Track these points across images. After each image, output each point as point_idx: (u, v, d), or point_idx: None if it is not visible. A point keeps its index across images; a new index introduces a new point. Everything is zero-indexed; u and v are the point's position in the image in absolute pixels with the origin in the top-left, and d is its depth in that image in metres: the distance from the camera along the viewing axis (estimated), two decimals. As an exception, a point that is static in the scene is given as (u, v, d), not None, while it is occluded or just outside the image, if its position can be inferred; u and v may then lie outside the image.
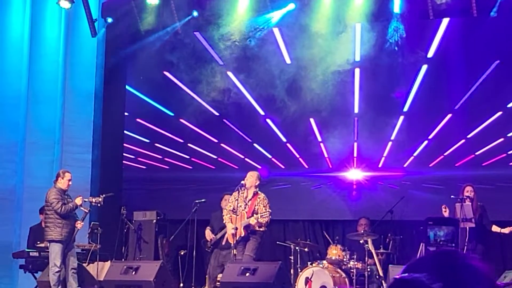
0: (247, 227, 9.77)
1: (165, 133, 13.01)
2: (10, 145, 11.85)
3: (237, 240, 9.80)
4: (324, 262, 10.16)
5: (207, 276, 10.81)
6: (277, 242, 11.38)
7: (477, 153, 11.55)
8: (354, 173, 12.05)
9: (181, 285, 11.28)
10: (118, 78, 13.02)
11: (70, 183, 9.89)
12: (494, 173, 11.37)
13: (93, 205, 10.14)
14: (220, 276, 9.86)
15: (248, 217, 9.76)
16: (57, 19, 12.28)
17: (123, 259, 11.32)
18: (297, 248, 10.51)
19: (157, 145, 13.09)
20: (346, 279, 9.98)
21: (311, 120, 12.28)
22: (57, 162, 11.88)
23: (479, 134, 11.54)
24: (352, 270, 10.19)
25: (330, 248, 10.42)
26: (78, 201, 9.74)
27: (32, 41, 12.09)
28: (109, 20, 12.63)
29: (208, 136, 12.82)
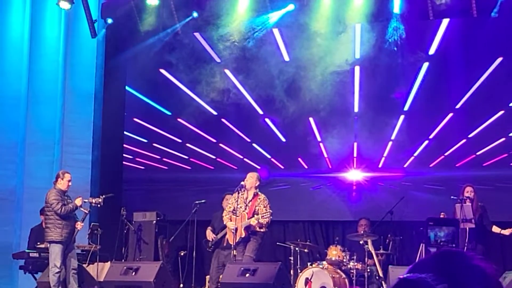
0: (247, 228, 9.76)
1: (163, 132, 12.97)
2: (10, 145, 11.84)
3: (237, 241, 9.79)
4: (324, 262, 10.15)
5: (209, 276, 10.78)
6: (277, 243, 11.38)
7: (478, 153, 11.49)
8: (354, 174, 12.03)
9: (181, 285, 11.27)
10: (118, 78, 13.01)
11: (70, 184, 9.88)
12: (495, 173, 11.31)
13: (93, 206, 10.14)
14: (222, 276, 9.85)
15: (248, 218, 9.76)
16: (57, 19, 12.28)
17: (123, 260, 11.30)
18: (297, 248, 10.50)
19: (155, 145, 13.06)
20: (346, 280, 9.97)
21: (311, 120, 12.24)
22: (57, 162, 11.88)
23: (480, 133, 11.47)
24: (352, 271, 10.18)
25: (330, 249, 10.41)
26: (78, 202, 9.74)
27: (32, 42, 12.09)
28: (109, 20, 12.63)
29: (206, 136, 12.80)
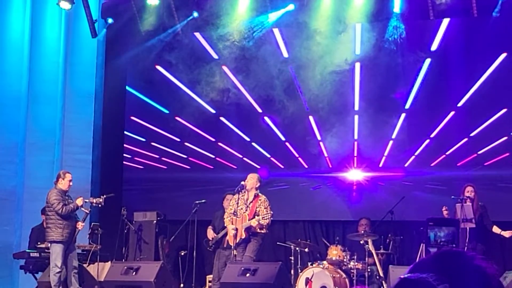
0: (248, 229, 9.75)
1: (161, 131, 12.93)
2: (11, 146, 11.83)
3: (237, 242, 9.78)
4: (325, 262, 10.15)
5: (212, 276, 10.75)
6: (278, 243, 11.38)
7: (479, 152, 11.41)
8: (355, 174, 12.00)
9: (181, 285, 11.28)
10: (118, 78, 13.00)
11: (71, 184, 9.89)
12: (497, 173, 11.24)
13: (94, 205, 10.14)
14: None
15: (249, 219, 9.75)
16: (57, 19, 12.28)
17: (123, 260, 11.31)
18: (297, 248, 10.50)
19: (153, 144, 13.02)
20: (347, 280, 9.97)
21: (311, 119, 12.21)
22: (58, 162, 11.87)
23: (482, 132, 11.38)
24: (352, 271, 10.18)
25: (331, 249, 10.41)
26: (79, 202, 9.74)
27: (32, 42, 12.08)
28: (110, 20, 12.62)
29: (205, 135, 12.77)
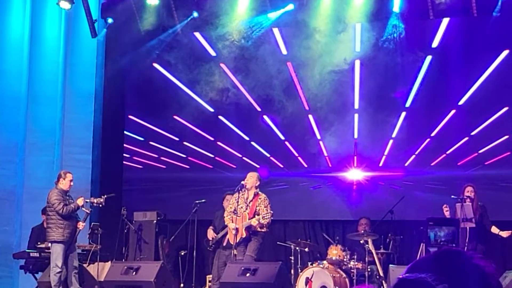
0: (248, 228, 9.75)
1: (160, 130, 12.89)
2: (10, 145, 11.83)
3: (238, 241, 9.78)
4: (325, 262, 10.15)
5: (212, 276, 10.76)
6: (278, 243, 11.37)
7: (480, 151, 11.34)
8: (354, 173, 11.97)
9: (181, 285, 11.27)
10: (118, 78, 12.99)
11: (72, 184, 9.89)
12: (498, 172, 11.18)
13: (95, 205, 10.14)
14: (223, 276, 9.83)
15: (249, 218, 9.75)
16: (57, 19, 12.28)
17: (123, 260, 11.29)
18: (297, 248, 10.49)
19: (152, 143, 12.98)
20: (347, 279, 9.97)
21: (310, 118, 12.18)
22: (57, 162, 11.87)
23: (484, 131, 11.30)
24: (352, 270, 10.18)
25: (331, 248, 10.41)
26: (80, 202, 9.74)
27: (32, 42, 12.08)
28: (110, 20, 12.61)
29: (204, 134, 12.73)
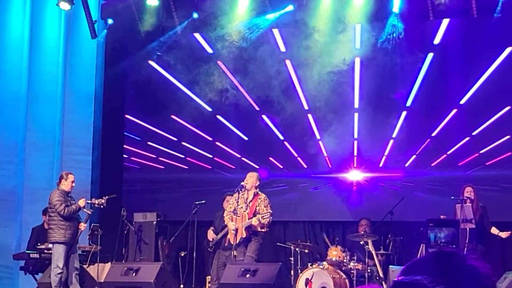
0: (248, 228, 9.75)
1: (157, 130, 12.86)
2: (10, 146, 11.83)
3: (238, 241, 9.77)
4: (324, 263, 10.14)
5: (211, 276, 10.76)
6: (277, 243, 11.37)
7: (481, 152, 11.27)
8: (354, 174, 11.95)
9: (181, 286, 11.26)
10: (118, 79, 12.99)
11: (73, 185, 9.90)
12: (499, 173, 11.12)
13: (96, 206, 10.14)
14: (223, 277, 9.82)
15: (249, 218, 9.74)
16: (57, 20, 12.28)
17: (123, 261, 11.29)
18: (297, 249, 10.49)
19: (150, 143, 12.95)
20: (347, 280, 9.96)
21: (310, 118, 12.15)
22: (57, 163, 11.88)
23: (485, 131, 11.23)
24: (352, 271, 10.17)
25: (330, 249, 10.40)
26: (82, 203, 9.75)
27: (32, 42, 12.08)
28: (110, 21, 12.61)
29: (202, 134, 12.69)
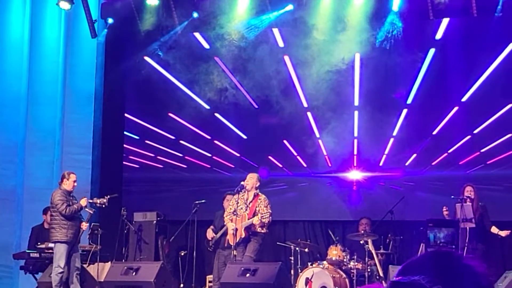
0: (248, 228, 9.75)
1: (155, 129, 12.85)
2: (10, 145, 11.84)
3: (237, 241, 9.78)
4: (324, 262, 10.15)
5: (212, 276, 10.75)
6: (277, 243, 11.37)
7: (482, 150, 11.22)
8: (354, 173, 11.94)
9: (181, 285, 11.27)
10: (118, 79, 12.99)
11: (75, 184, 9.91)
12: (500, 172, 11.09)
13: (98, 206, 10.16)
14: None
15: (249, 219, 9.74)
16: (57, 20, 12.28)
17: (123, 260, 11.30)
18: (297, 248, 10.50)
19: (148, 142, 12.94)
20: (347, 280, 9.97)
21: (309, 116, 12.13)
22: (57, 163, 11.88)
23: (486, 129, 11.18)
24: (352, 271, 10.18)
25: (330, 249, 10.41)
26: (83, 202, 9.77)
27: (32, 42, 12.08)
28: (110, 21, 12.62)
29: (200, 133, 12.66)
